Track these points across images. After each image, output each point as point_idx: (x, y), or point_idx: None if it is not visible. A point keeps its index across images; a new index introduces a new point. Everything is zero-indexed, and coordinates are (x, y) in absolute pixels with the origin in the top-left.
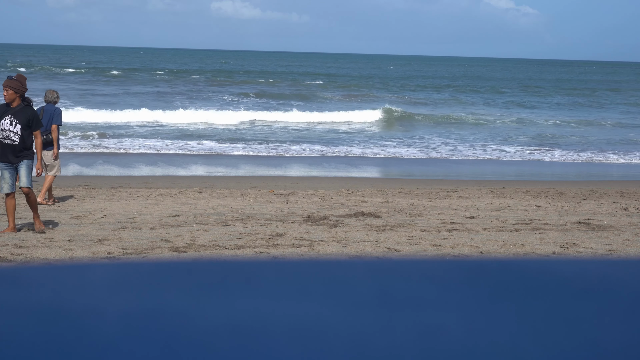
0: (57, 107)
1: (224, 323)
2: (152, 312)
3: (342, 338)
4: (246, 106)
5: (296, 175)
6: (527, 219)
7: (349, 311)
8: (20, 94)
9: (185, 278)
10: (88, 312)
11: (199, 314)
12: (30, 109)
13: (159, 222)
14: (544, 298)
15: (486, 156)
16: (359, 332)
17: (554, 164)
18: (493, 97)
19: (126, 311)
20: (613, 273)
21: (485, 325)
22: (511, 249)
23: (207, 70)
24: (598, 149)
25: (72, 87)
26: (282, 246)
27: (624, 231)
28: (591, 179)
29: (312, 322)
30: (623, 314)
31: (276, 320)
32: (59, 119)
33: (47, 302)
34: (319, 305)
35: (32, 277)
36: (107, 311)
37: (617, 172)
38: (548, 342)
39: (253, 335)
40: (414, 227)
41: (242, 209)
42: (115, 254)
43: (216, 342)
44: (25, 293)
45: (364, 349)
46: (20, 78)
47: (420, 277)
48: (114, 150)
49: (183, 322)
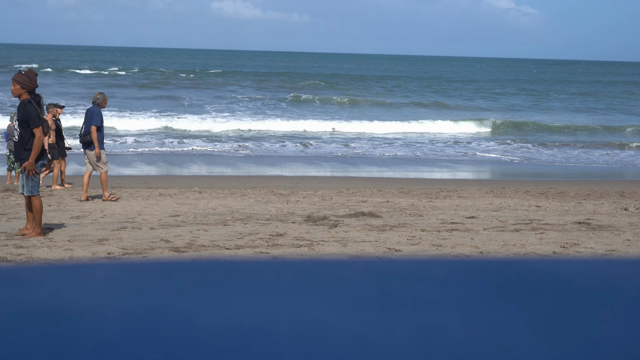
0: (97, 109)
1: (224, 323)
2: (152, 312)
3: (342, 338)
4: (346, 115)
5: (296, 175)
6: (527, 219)
7: (349, 311)
8: (27, 89)
9: (185, 278)
10: (88, 312)
11: (199, 314)
12: (29, 105)
13: (159, 222)
14: (544, 298)
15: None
16: (359, 332)
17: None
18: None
19: (126, 311)
20: (613, 273)
21: (485, 325)
22: (511, 249)
23: (262, 72)
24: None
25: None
26: (282, 246)
27: (624, 231)
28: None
29: (312, 322)
30: (623, 314)
31: (276, 320)
32: (96, 119)
33: (47, 302)
34: (319, 305)
35: (32, 277)
36: (107, 311)
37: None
38: (548, 342)
39: (253, 335)
40: (414, 227)
41: (242, 209)
42: (115, 254)
43: (216, 342)
44: (25, 293)
45: (364, 349)
46: (30, 73)
47: (420, 277)
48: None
49: (183, 322)
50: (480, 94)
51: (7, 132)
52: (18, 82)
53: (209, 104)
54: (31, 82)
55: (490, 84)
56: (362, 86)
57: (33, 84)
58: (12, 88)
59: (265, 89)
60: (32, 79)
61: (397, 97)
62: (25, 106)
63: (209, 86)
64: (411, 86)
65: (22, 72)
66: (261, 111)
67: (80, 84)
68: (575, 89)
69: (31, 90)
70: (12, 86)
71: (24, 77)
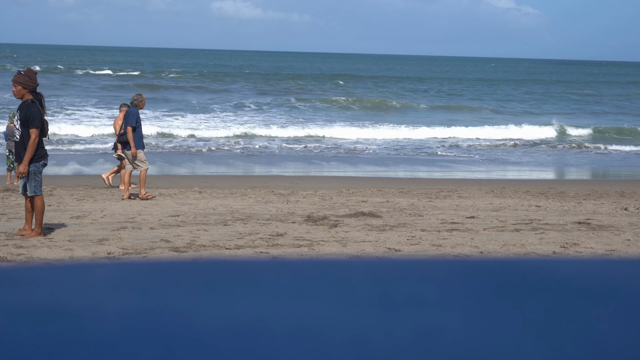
0: (134, 109)
1: (224, 323)
2: (152, 312)
3: (342, 338)
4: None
5: (296, 175)
6: (527, 219)
7: (349, 311)
8: (29, 89)
9: (185, 278)
10: (88, 312)
11: (199, 314)
12: (32, 105)
13: (159, 222)
14: (544, 298)
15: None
16: (359, 332)
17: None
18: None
19: (126, 311)
20: (613, 273)
21: (485, 325)
22: (511, 249)
23: (299, 74)
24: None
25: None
26: (282, 246)
27: (624, 231)
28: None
29: (312, 322)
30: (623, 314)
31: (276, 320)
32: (132, 120)
33: (47, 302)
34: (319, 305)
35: (32, 277)
36: (107, 311)
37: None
38: (548, 342)
39: (253, 335)
40: (414, 227)
41: (242, 208)
42: (115, 254)
43: (216, 342)
44: (25, 293)
45: (364, 349)
46: (30, 73)
47: (420, 277)
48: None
49: (183, 322)
50: (539, 96)
51: (7, 132)
52: (19, 83)
53: (235, 111)
54: (32, 82)
55: (532, 85)
56: (406, 88)
57: (34, 83)
58: (14, 90)
59: (304, 91)
60: (32, 79)
61: (465, 101)
62: (28, 106)
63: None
64: (458, 89)
65: (21, 73)
66: (299, 121)
67: (105, 86)
68: (615, 91)
69: (33, 89)
70: (13, 88)
71: (25, 77)
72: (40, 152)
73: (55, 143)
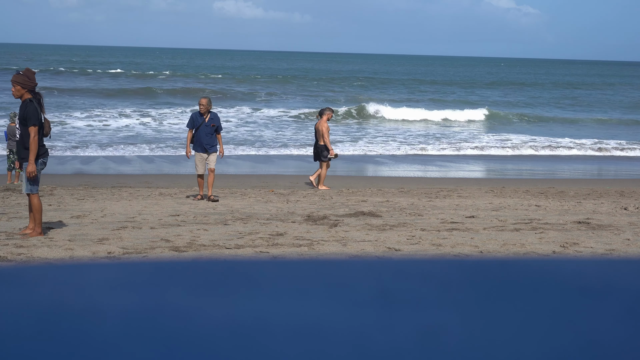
0: (216, 113)
1: (224, 323)
2: (152, 312)
3: (342, 338)
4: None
5: (296, 175)
6: (527, 219)
7: (349, 311)
8: (28, 88)
9: (185, 278)
10: (88, 312)
11: (199, 313)
12: (30, 104)
13: (159, 222)
14: (544, 298)
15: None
16: (359, 331)
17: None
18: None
19: (126, 311)
20: (613, 273)
21: (485, 325)
22: (511, 249)
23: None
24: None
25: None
26: (282, 246)
27: (623, 230)
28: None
29: (312, 321)
30: (623, 313)
31: (276, 320)
32: (188, 122)
33: (47, 302)
34: (319, 305)
35: (32, 277)
36: (107, 311)
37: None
38: (548, 342)
39: (253, 335)
40: (414, 227)
41: (242, 208)
42: (115, 254)
43: (216, 342)
44: (25, 293)
45: (364, 348)
46: (28, 73)
47: (420, 277)
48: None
49: (183, 322)
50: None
51: (7, 132)
52: (18, 83)
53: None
54: (31, 82)
55: (567, 89)
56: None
57: (33, 82)
58: (13, 90)
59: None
60: (31, 78)
61: (552, 112)
62: (26, 105)
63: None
64: (493, 95)
65: (20, 73)
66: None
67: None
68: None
69: (31, 89)
70: (12, 88)
71: (23, 77)
72: (39, 151)
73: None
